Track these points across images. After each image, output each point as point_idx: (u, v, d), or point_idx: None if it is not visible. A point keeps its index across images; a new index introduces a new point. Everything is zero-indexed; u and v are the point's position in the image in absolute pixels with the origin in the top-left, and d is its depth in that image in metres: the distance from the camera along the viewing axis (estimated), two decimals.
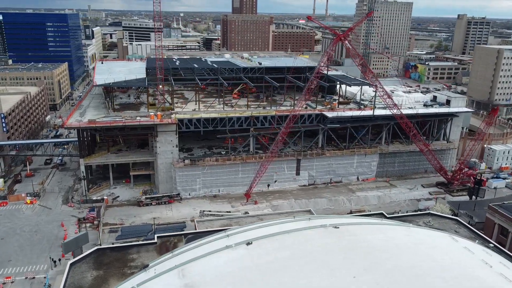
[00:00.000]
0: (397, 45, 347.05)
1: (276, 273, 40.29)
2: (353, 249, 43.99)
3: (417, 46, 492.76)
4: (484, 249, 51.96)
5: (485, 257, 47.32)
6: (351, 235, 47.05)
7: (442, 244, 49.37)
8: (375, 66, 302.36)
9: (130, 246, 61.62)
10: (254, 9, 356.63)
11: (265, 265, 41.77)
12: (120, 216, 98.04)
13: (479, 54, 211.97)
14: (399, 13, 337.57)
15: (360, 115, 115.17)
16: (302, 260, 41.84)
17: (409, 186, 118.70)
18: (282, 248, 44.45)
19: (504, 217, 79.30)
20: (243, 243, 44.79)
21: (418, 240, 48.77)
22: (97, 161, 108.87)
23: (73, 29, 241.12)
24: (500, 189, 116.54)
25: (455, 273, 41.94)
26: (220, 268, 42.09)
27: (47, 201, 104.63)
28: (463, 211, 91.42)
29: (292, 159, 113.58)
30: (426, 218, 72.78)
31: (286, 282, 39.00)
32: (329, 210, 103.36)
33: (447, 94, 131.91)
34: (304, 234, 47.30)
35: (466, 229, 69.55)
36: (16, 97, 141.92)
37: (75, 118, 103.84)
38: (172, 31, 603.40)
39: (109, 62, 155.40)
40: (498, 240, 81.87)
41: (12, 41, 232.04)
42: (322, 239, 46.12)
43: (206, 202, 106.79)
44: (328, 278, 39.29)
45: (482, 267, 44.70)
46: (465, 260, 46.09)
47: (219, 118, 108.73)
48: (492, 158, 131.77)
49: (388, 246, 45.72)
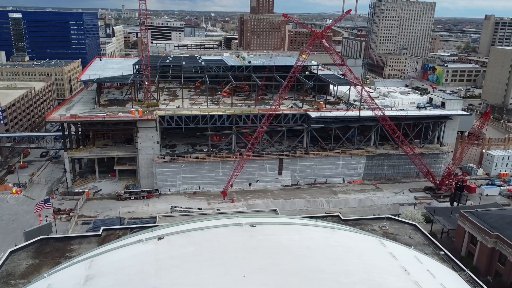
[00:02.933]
0: (418, 46, 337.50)
1: (171, 269, 40.23)
2: (258, 249, 43.26)
3: (444, 47, 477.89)
4: (417, 256, 49.99)
5: (408, 264, 45.52)
6: (263, 235, 46.32)
7: (363, 248, 47.90)
8: (392, 67, 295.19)
9: (74, 237, 62.86)
10: (271, 8, 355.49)
11: (166, 260, 41.75)
12: (96, 209, 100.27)
13: (494, 56, 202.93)
14: (421, 13, 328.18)
15: (345, 116, 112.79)
16: (202, 257, 41.56)
17: (395, 190, 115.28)
18: (188, 244, 44.29)
19: (473, 225, 75.73)
20: (155, 238, 44.98)
21: (337, 242, 47.46)
22: (81, 155, 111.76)
23: (89, 27, 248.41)
24: (492, 196, 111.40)
25: (356, 278, 40.53)
26: (124, 261, 42.44)
27: (32, 192, 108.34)
28: (439, 217, 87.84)
29: (274, 158, 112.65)
30: (383, 222, 70.49)
31: (176, 278, 38.89)
32: (305, 211, 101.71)
33: (443, 96, 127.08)
34: (216, 231, 46.86)
35: (422, 235, 66.97)
36: (19, 91, 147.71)
37: (60, 112, 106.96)
38: (196, 30, 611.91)
39: (107, 59, 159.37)
40: (468, 249, 78.45)
41: (31, 39, 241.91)
42: (232, 237, 45.62)
43: (184, 198, 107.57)
44: (218, 277, 38.86)
45: (396, 274, 43.03)
46: (380, 266, 44.44)
47: (201, 116, 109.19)
48: (490, 164, 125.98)
49: (298, 247, 44.65)
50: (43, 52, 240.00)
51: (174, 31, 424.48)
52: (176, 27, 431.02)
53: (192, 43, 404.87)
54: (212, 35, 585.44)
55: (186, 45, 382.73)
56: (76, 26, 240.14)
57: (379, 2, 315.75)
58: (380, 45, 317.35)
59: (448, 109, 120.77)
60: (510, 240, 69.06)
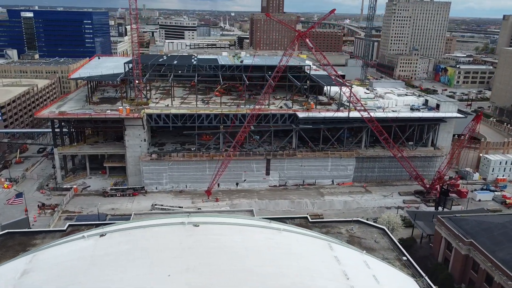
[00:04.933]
0: (432, 47, 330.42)
1: (102, 265, 40.53)
2: (193, 248, 43.14)
3: (461, 48, 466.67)
4: (367, 261, 48.92)
5: (351, 269, 44.81)
6: (203, 235, 46.17)
7: (305, 251, 47.30)
8: (402, 68, 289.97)
9: (38, 232, 63.94)
10: (281, 8, 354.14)
11: (100, 257, 42.12)
12: (82, 205, 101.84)
13: (504, 57, 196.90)
14: (435, 13, 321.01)
15: (333, 117, 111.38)
16: (134, 256, 41.67)
17: (385, 193, 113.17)
18: (126, 242, 44.50)
19: (448, 231, 73.62)
20: (98, 234, 45.41)
21: (278, 244, 46.94)
22: (71, 152, 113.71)
23: (98, 26, 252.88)
24: (485, 202, 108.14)
25: (286, 281, 40.07)
26: (62, 256, 43.10)
27: (23, 187, 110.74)
28: (420, 222, 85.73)
29: (261, 158, 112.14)
30: (352, 225, 69.27)
31: (103, 275, 39.20)
32: (288, 212, 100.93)
33: (438, 98, 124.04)
34: (157, 230, 46.97)
35: (388, 240, 65.39)
36: (21, 88, 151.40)
37: (51, 109, 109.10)
38: (211, 30, 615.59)
39: (106, 58, 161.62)
40: (445, 255, 76.39)
41: (42, 37, 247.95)
42: (170, 237, 45.60)
43: (169, 196, 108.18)
44: (143, 275, 38.91)
45: (332, 278, 42.44)
46: (316, 269, 43.80)
47: (188, 115, 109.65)
48: (487, 168, 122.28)
49: (236, 248, 44.34)
50: (54, 50, 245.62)
51: (187, 30, 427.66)
52: (189, 27, 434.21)
53: (205, 42, 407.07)
54: (227, 35, 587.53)
55: (198, 45, 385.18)
56: (86, 25, 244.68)
57: (390, 2, 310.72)
58: (391, 46, 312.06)
59: (442, 111, 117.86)
60: (483, 247, 66.86)
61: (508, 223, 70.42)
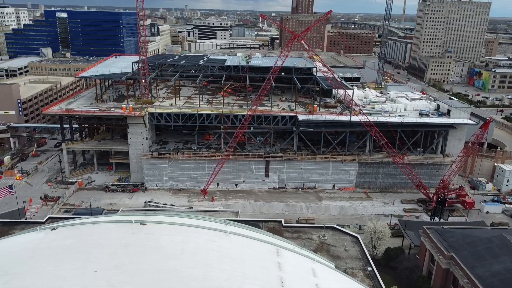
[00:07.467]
0: (469, 49, 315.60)
1: (40, 258, 41.80)
2: (130, 246, 43.78)
3: (506, 51, 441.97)
4: (316, 269, 47.80)
5: (291, 276, 44.11)
6: (146, 233, 46.72)
7: (246, 256, 46.86)
8: (434, 71, 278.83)
9: (19, 223, 67.19)
10: (310, 9, 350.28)
11: (42, 249, 43.63)
12: (83, 199, 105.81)
13: None
14: (473, 14, 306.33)
15: (334, 120, 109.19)
16: (72, 250, 42.81)
17: (386, 200, 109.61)
18: (73, 236, 45.89)
19: (432, 244, 70.38)
20: (50, 228, 47.22)
21: (218, 247, 46.68)
22: (78, 147, 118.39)
23: (127, 26, 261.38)
24: (493, 214, 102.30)
25: (212, 284, 39.79)
26: (9, 247, 45.06)
27: (33, 179, 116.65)
28: (411, 231, 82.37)
29: (260, 160, 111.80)
30: (326, 231, 67.77)
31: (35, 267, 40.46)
32: (282, 215, 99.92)
33: (449, 103, 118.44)
34: (104, 227, 48.00)
35: (359, 249, 63.51)
36: (45, 85, 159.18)
37: (60, 106, 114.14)
38: (246, 30, 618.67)
39: (123, 57, 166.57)
40: (429, 268, 73.11)
41: (76, 36, 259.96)
42: (114, 234, 46.41)
43: (167, 194, 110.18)
44: (72, 270, 39.76)
45: (265, 285, 41.92)
46: (250, 275, 43.25)
47: (189, 114, 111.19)
48: (502, 179, 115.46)
49: (172, 248, 44.55)
50: (87, 49, 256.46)
51: (219, 30, 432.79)
52: (222, 27, 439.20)
53: (235, 42, 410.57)
54: (262, 35, 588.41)
55: (229, 45, 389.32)
56: (117, 25, 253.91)
57: (423, 2, 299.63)
58: (423, 48, 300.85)
59: (452, 118, 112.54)
60: (463, 262, 63.41)
61: (495, 238, 66.33)
